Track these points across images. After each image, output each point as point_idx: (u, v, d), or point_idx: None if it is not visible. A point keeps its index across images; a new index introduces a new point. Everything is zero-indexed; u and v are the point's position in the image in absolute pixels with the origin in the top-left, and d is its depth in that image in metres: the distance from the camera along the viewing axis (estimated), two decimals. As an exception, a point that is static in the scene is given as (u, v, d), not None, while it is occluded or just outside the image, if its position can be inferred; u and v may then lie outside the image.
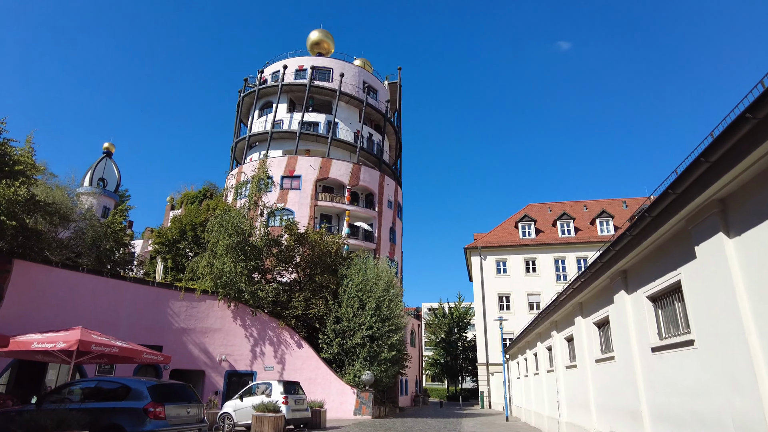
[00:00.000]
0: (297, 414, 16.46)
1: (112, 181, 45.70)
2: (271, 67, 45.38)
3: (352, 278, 24.98)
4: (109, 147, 47.51)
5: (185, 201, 41.34)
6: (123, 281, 20.69)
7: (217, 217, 24.83)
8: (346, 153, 41.76)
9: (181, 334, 21.79)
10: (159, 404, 8.56)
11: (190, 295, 22.35)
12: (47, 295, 17.74)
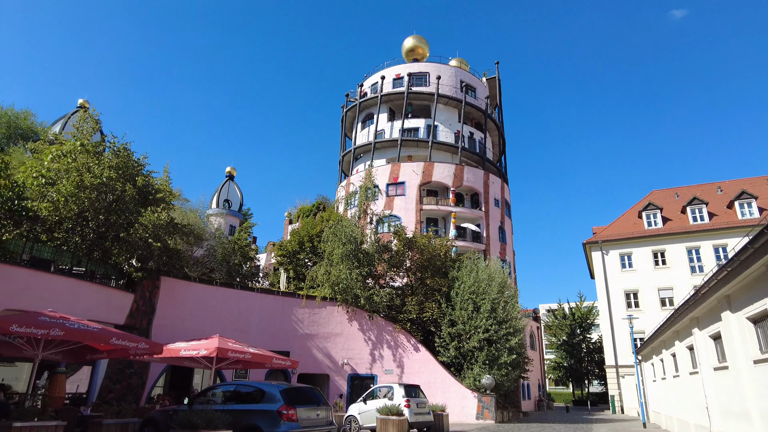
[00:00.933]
0: (420, 417, 16.55)
1: (236, 201, 49.93)
2: (369, 80, 46.66)
3: (464, 280, 24.67)
4: (231, 171, 52.02)
5: (301, 215, 43.82)
6: (251, 292, 22.42)
7: (330, 228, 25.96)
8: (447, 155, 41.53)
9: (306, 340, 23.03)
10: (291, 407, 9.11)
11: (311, 302, 23.59)
12: (188, 307, 19.79)
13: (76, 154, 16.63)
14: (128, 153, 17.66)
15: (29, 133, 32.88)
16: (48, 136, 20.23)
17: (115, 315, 17.07)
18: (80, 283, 15.98)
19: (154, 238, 17.20)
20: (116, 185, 16.66)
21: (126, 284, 18.12)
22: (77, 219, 16.49)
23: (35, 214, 15.93)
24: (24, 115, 34.39)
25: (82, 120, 17.76)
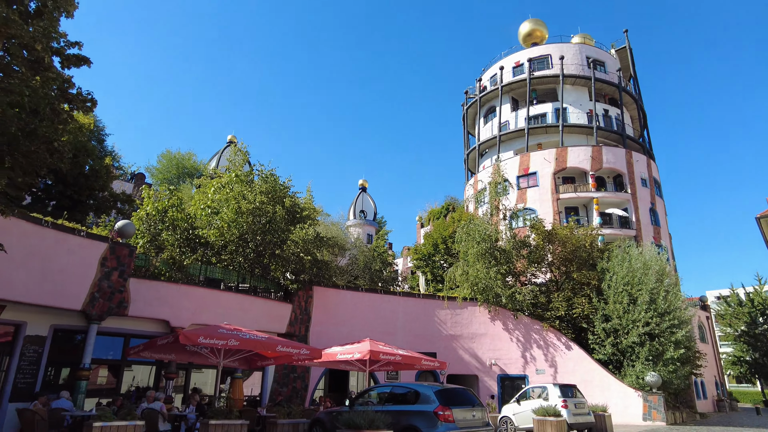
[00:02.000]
0: (579, 419, 15.69)
1: (370, 211, 52.22)
2: (487, 73, 45.70)
3: (616, 271, 22.84)
4: (363, 183, 54.60)
5: (432, 218, 44.34)
6: (394, 296, 23.23)
7: (463, 228, 25.89)
8: (581, 137, 38.91)
9: (451, 341, 23.19)
10: (447, 408, 9.27)
11: (452, 303, 23.71)
12: (339, 313, 21.17)
13: (232, 184, 18.85)
14: (275, 178, 19.53)
15: (193, 171, 37.98)
16: (208, 171, 23.22)
17: (277, 324, 18.89)
18: (246, 297, 18.01)
19: (304, 252, 18.80)
20: (267, 208, 18.52)
21: (284, 296, 19.99)
22: (239, 241, 18.64)
23: (206, 240, 18.35)
24: (188, 156, 39.85)
25: (233, 154, 20.07)
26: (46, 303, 13.44)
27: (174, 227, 17.86)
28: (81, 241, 14.31)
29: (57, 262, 13.62)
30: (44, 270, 13.33)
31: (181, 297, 16.02)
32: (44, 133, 8.82)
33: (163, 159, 40.05)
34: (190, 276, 17.12)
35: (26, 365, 13.87)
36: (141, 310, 15.19)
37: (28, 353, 13.93)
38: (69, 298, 13.80)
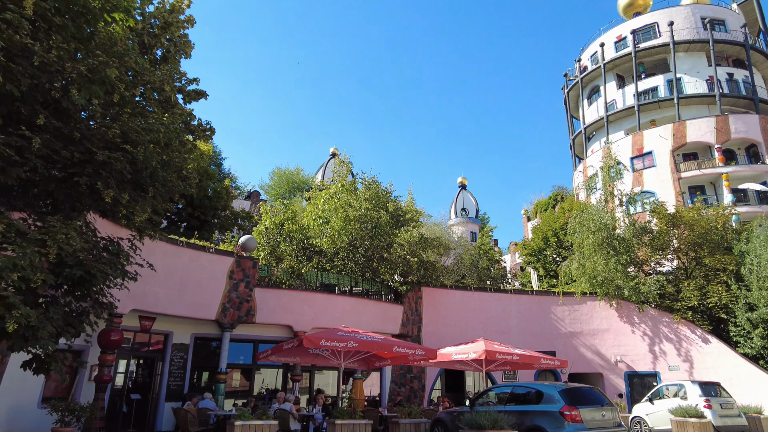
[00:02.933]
0: (728, 420, 14.11)
1: (471, 208, 51.49)
2: (587, 52, 43.02)
3: (758, 254, 20.28)
4: (462, 180, 54.02)
5: (538, 210, 42.64)
6: (505, 294, 22.69)
7: (575, 218, 24.57)
8: (701, 108, 35.09)
9: (570, 338, 22.10)
10: (573, 407, 8.88)
11: (569, 298, 22.61)
12: (450, 313, 21.14)
13: (339, 194, 19.73)
14: (377, 185, 20.11)
15: (302, 185, 40.27)
16: (315, 183, 24.51)
17: (390, 326, 19.34)
18: (360, 300, 18.68)
19: (410, 254, 19.11)
20: (372, 214, 19.10)
21: (394, 298, 20.44)
22: (349, 247, 19.43)
23: (319, 249, 19.37)
24: (296, 172, 42.37)
25: (337, 165, 20.99)
26: (187, 314, 15.05)
27: (290, 238, 19.09)
28: (211, 257, 15.84)
29: (192, 277, 15.19)
30: (182, 285, 14.93)
31: (301, 303, 17.05)
32: (175, 163, 9.93)
33: (274, 176, 43.01)
34: (308, 283, 18.16)
35: (175, 369, 15.64)
36: (266, 317, 16.41)
37: (176, 359, 15.70)
38: (205, 308, 15.32)
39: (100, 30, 7.94)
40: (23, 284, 5.56)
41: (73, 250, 6.21)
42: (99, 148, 6.73)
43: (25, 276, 5.47)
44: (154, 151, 7.41)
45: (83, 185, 6.57)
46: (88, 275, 6.23)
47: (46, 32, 6.67)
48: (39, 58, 6.01)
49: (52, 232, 6.13)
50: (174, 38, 13.25)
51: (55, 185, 7.09)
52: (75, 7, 7.37)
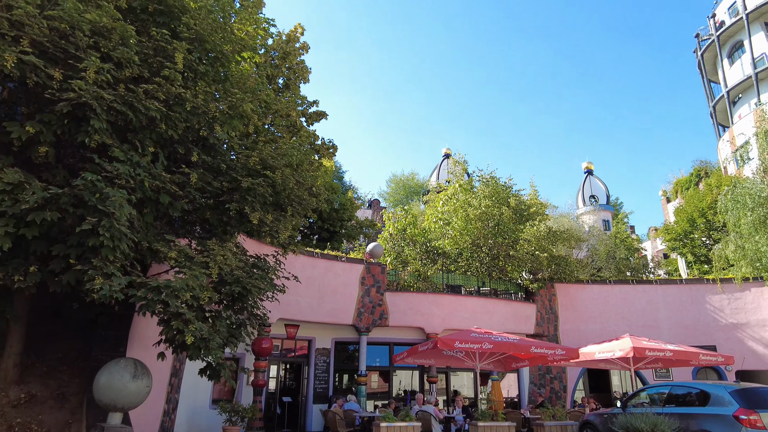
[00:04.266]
0: None
1: (601, 195, 47.95)
2: (721, 6, 37.93)
3: None
4: (588, 165, 50.59)
5: (679, 189, 38.42)
6: (649, 284, 20.79)
7: (726, 195, 21.75)
8: None
9: (733, 330, 19.57)
10: (752, 411, 7.83)
11: (728, 285, 20.05)
12: (588, 309, 19.89)
13: (457, 194, 19.67)
14: (495, 180, 19.69)
15: (418, 189, 40.86)
16: (431, 186, 24.69)
17: (523, 325, 18.75)
18: (489, 300, 18.40)
19: (539, 249, 18.39)
20: (493, 211, 18.74)
21: (525, 296, 19.79)
22: (472, 247, 19.27)
23: (442, 250, 19.47)
24: (411, 177, 43.14)
25: (453, 165, 20.96)
26: (326, 320, 16.06)
27: (413, 242, 19.46)
28: (343, 265, 16.74)
29: (328, 285, 16.18)
30: (321, 293, 15.97)
31: (430, 305, 17.27)
32: (306, 182, 10.70)
33: (391, 183, 44.23)
34: (434, 285, 18.34)
35: (319, 373, 16.75)
36: (398, 319, 16.89)
37: (320, 363, 16.81)
38: (342, 314, 16.22)
39: (232, 70, 8.89)
40: (194, 302, 6.39)
41: (231, 269, 7.00)
42: (243, 176, 7.50)
43: (195, 295, 6.28)
44: (290, 174, 8.06)
45: (233, 210, 7.37)
46: (245, 290, 6.98)
47: (193, 80, 7.63)
48: (190, 103, 6.89)
49: (212, 255, 6.97)
50: (293, 65, 14.35)
51: (210, 212, 8.04)
52: (212, 53, 8.34)
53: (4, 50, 5.45)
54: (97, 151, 6.42)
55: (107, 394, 6.27)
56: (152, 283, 5.84)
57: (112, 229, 5.42)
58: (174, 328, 6.05)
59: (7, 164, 6.08)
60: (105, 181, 5.84)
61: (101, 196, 5.52)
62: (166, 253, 6.66)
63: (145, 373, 6.55)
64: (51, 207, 5.53)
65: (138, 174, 6.18)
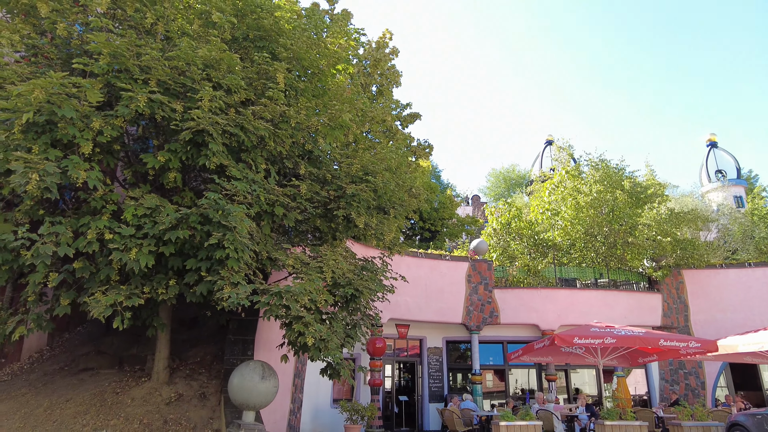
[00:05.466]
0: None
1: (730, 168, 42.85)
2: None
3: None
4: (711, 138, 45.52)
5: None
6: (802, 265, 18.17)
7: None
8: None
9: None
10: None
11: None
12: (723, 296, 17.84)
13: (564, 182, 18.69)
14: (605, 163, 18.41)
15: (519, 180, 39.53)
16: (534, 175, 23.70)
17: (648, 317, 17.31)
18: (608, 292, 17.24)
19: (660, 233, 16.88)
20: (606, 196, 17.52)
21: (648, 286, 18.26)
22: (585, 237, 18.18)
23: (552, 242, 18.62)
24: (511, 168, 41.88)
25: (557, 151, 19.95)
26: (435, 319, 16.09)
27: (519, 236, 18.84)
28: (448, 263, 16.68)
29: (435, 284, 16.21)
30: (427, 292, 16.05)
31: (543, 300, 16.59)
32: (405, 184, 10.85)
33: (490, 177, 43.21)
34: (546, 279, 17.60)
35: (433, 372, 16.83)
36: (510, 317, 16.44)
37: (432, 362, 16.89)
38: (450, 313, 16.17)
39: (329, 83, 9.28)
40: (312, 305, 6.75)
41: (342, 273, 7.30)
42: (346, 184, 7.80)
43: (312, 298, 6.64)
44: (389, 178, 8.23)
45: (341, 216, 7.69)
46: (357, 292, 7.24)
47: (295, 97, 8.09)
48: (294, 119, 7.32)
49: (325, 260, 7.32)
50: (384, 71, 14.65)
51: (320, 221, 8.46)
52: (309, 70, 8.78)
53: (137, 92, 6.19)
54: (217, 172, 7.05)
55: (240, 394, 6.83)
56: (274, 290, 6.26)
57: (235, 242, 5.91)
58: (296, 330, 6.44)
59: (145, 192, 6.90)
60: (225, 199, 6.39)
61: (223, 212, 6.05)
62: (284, 261, 7.12)
63: (272, 375, 7.04)
64: (182, 226, 6.17)
65: (254, 190, 6.68)
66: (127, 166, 7.68)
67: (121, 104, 6.20)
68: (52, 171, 5.47)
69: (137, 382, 8.71)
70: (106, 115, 6.29)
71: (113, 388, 8.54)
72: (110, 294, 6.02)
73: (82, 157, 6.16)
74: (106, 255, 6.25)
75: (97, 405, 8.08)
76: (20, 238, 5.68)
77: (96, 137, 6.20)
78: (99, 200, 6.48)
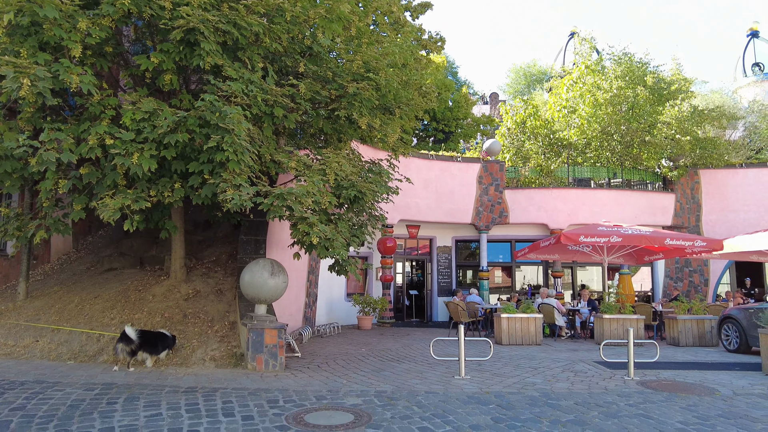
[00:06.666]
0: None
1: (768, 61, 40.05)
2: None
3: None
4: (753, 27, 42.05)
5: None
6: (825, 165, 17.64)
7: None
8: None
9: None
10: None
11: None
12: (739, 197, 17.61)
13: (584, 77, 17.78)
14: (629, 57, 17.33)
15: (540, 76, 37.69)
16: (555, 71, 22.50)
17: (660, 217, 17.31)
18: (621, 192, 17.13)
19: (680, 132, 16.29)
20: (627, 93, 16.73)
21: (663, 186, 18.04)
22: (602, 136, 17.68)
23: (568, 142, 18.19)
24: (533, 63, 39.76)
25: (578, 44, 18.76)
26: (445, 220, 16.36)
27: (534, 135, 18.40)
28: (459, 165, 16.58)
29: (445, 186, 16.27)
30: (438, 194, 16.16)
31: (554, 200, 16.61)
32: (414, 82, 10.45)
33: (510, 73, 41.18)
34: (559, 179, 17.46)
35: (442, 269, 17.47)
36: (520, 217, 16.61)
37: (442, 260, 17.47)
38: (460, 213, 16.38)
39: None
40: (316, 206, 6.89)
41: (346, 174, 7.34)
42: (348, 82, 7.55)
43: (316, 200, 6.75)
44: (393, 74, 7.92)
45: (342, 117, 7.55)
46: (360, 193, 7.32)
47: (289, -12, 7.57)
48: (289, 12, 6.93)
49: (328, 162, 7.32)
50: (392, -44, 13.46)
51: (323, 122, 8.33)
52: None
53: (119, -14, 5.86)
54: (213, 72, 6.86)
55: (251, 289, 7.24)
56: (277, 191, 6.36)
57: (234, 144, 5.91)
58: (300, 230, 6.64)
59: (142, 95, 6.80)
60: (223, 101, 6.29)
61: (220, 114, 5.98)
62: (287, 163, 7.14)
63: (281, 271, 7.39)
64: (181, 129, 6.15)
65: (250, 90, 6.53)
66: (125, 70, 7.52)
67: (105, 1, 5.91)
68: (43, 75, 5.38)
69: (157, 281, 9.25)
70: (92, 15, 6.04)
71: (135, 286, 9.11)
72: (117, 198, 6.19)
73: (73, 60, 6.01)
74: (110, 160, 6.34)
75: (122, 301, 8.69)
76: (22, 145, 5.75)
77: (85, 39, 6.00)
78: (97, 105, 6.44)
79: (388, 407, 5.23)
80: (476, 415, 4.96)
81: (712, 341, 11.12)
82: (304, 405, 5.27)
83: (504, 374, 7.16)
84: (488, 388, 6.17)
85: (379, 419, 4.79)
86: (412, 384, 6.39)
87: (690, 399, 5.84)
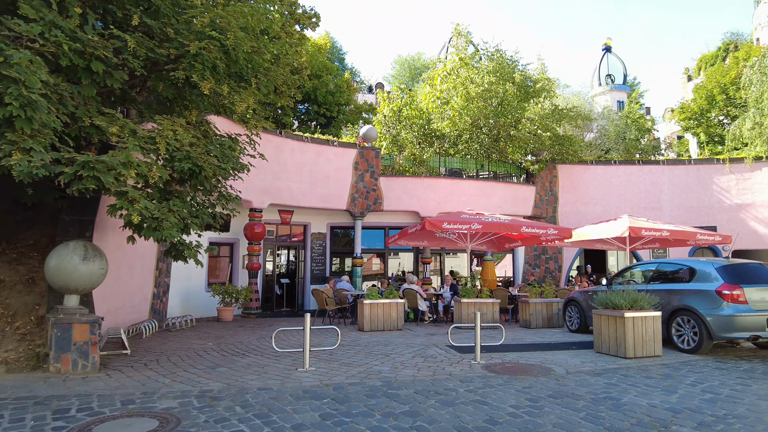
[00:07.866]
0: None
1: (618, 74, 45.10)
2: None
3: None
4: (607, 42, 46.99)
5: (704, 66, 35.85)
6: (655, 165, 20.01)
7: (753, 66, 19.98)
8: None
9: (737, 211, 19.09)
10: (735, 286, 7.55)
11: (737, 166, 19.19)
12: (589, 191, 19.38)
13: (458, 70, 18.21)
14: (500, 54, 18.10)
15: (424, 70, 38.54)
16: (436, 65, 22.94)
17: (522, 208, 18.43)
18: (488, 183, 17.91)
19: (542, 128, 17.40)
20: (497, 88, 17.46)
21: (526, 178, 19.22)
22: (472, 129, 18.31)
23: (441, 133, 18.58)
24: (417, 56, 40.53)
25: (456, 38, 19.20)
26: (320, 206, 15.81)
27: (410, 125, 18.51)
28: (335, 150, 16.09)
29: (321, 171, 15.69)
30: (313, 178, 15.54)
31: (426, 189, 16.85)
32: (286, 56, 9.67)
33: (396, 64, 41.70)
34: (431, 169, 17.77)
35: (316, 256, 16.92)
36: (393, 204, 16.61)
37: (316, 247, 16.91)
38: (335, 199, 15.93)
39: None
40: (141, 180, 5.92)
41: (181, 145, 6.41)
42: (190, 41, 6.62)
43: (141, 172, 5.79)
44: (244, 38, 7.11)
45: (180, 80, 6.60)
46: (197, 167, 6.45)
47: None
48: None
49: (160, 130, 6.35)
50: None
51: (163, 87, 7.28)
52: None
53: None
54: (9, 11, 5.56)
55: (58, 277, 6.08)
56: (82, 159, 5.31)
57: (20, 98, 4.77)
58: (118, 206, 5.65)
59: None
60: (15, 44, 5.07)
61: (5, 60, 4.80)
62: (106, 128, 6.05)
63: (96, 255, 6.30)
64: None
65: (54, 35, 5.36)
66: None
67: None
68: None
69: (-56, 266, 7.55)
70: None
71: None
72: None
73: None
74: None
75: None
76: None
77: None
78: None
79: (206, 409, 4.56)
80: (304, 413, 4.50)
81: (558, 323, 11.93)
82: (102, 413, 4.42)
83: (352, 363, 6.82)
84: (329, 380, 5.76)
85: (189, 424, 4.12)
86: (247, 380, 5.77)
87: (527, 381, 5.95)
